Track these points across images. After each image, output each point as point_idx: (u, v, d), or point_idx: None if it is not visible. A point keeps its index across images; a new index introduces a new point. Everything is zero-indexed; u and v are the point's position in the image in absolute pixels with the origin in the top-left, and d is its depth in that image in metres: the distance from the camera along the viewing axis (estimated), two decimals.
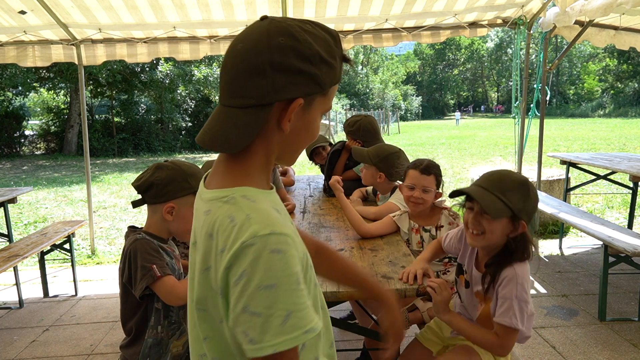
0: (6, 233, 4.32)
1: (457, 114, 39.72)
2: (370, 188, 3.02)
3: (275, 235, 0.79)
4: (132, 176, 12.02)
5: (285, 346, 0.77)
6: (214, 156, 0.99)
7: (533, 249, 1.59)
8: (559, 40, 38.60)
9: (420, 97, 57.21)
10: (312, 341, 0.90)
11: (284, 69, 0.82)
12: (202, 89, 19.88)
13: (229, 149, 0.87)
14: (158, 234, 1.81)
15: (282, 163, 0.99)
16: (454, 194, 1.58)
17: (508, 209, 1.48)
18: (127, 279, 1.73)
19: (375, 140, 3.09)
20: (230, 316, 0.81)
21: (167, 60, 18.12)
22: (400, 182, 2.73)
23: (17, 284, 3.78)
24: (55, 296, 3.98)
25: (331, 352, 1.01)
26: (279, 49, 0.82)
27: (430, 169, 2.23)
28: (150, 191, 1.80)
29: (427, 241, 2.22)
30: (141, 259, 1.70)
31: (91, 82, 18.83)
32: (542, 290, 3.74)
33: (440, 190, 2.27)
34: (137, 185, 1.83)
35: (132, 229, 1.87)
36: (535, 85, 4.86)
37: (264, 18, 0.86)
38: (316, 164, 3.74)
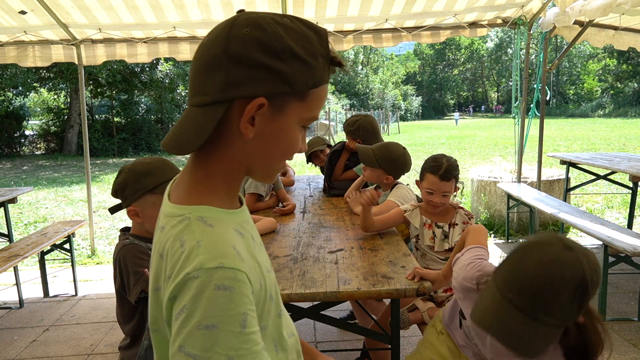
0: (6, 233, 4.32)
1: (456, 114, 39.70)
2: (370, 187, 3.02)
3: (224, 269, 0.69)
4: None
5: None
6: None
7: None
8: (559, 40, 38.61)
9: (420, 97, 57.23)
10: None
11: (242, 62, 0.72)
12: None
13: (182, 150, 0.76)
14: (143, 235, 1.80)
15: (255, 178, 0.85)
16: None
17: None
18: (119, 286, 1.75)
19: (375, 140, 3.08)
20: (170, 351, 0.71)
21: (167, 60, 18.13)
22: (400, 181, 2.74)
23: (17, 284, 3.78)
24: (56, 296, 3.98)
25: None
26: (240, 40, 0.72)
27: (449, 174, 2.15)
28: (118, 197, 1.80)
29: (439, 237, 2.22)
30: (131, 264, 1.71)
31: (91, 82, 18.84)
32: None
33: (457, 185, 2.24)
34: (112, 192, 1.82)
35: (123, 232, 1.87)
36: (535, 85, 4.86)
37: (240, 12, 0.77)
38: (315, 165, 3.74)
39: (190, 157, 0.82)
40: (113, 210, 1.81)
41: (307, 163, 3.77)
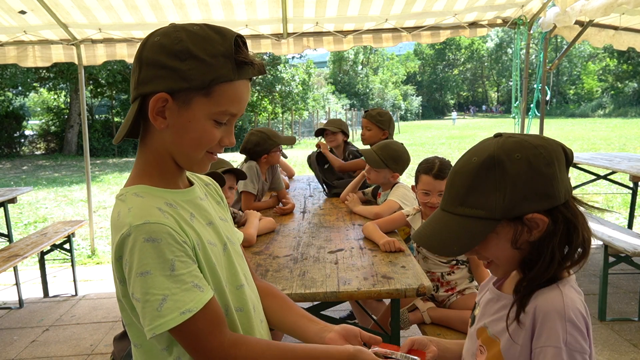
0: (6, 233, 4.32)
1: (454, 114, 39.67)
2: (370, 189, 3.02)
3: (149, 224, 0.83)
4: None
5: (162, 328, 0.81)
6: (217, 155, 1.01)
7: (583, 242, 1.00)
8: (559, 40, 38.60)
9: (420, 97, 57.23)
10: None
11: (149, 64, 0.86)
12: None
13: (116, 139, 0.96)
14: None
15: (183, 166, 0.97)
16: None
17: (482, 219, 0.91)
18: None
19: (393, 135, 3.18)
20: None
21: None
22: (401, 180, 2.74)
23: (17, 284, 3.78)
24: (55, 296, 3.98)
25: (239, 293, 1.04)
26: (150, 46, 0.87)
27: (443, 173, 2.15)
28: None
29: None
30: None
31: (91, 82, 18.84)
32: None
33: None
34: None
35: None
36: (535, 85, 4.86)
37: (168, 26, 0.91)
38: (318, 148, 3.51)
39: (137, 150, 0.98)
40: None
41: (315, 136, 3.74)
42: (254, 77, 0.96)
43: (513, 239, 0.90)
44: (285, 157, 3.07)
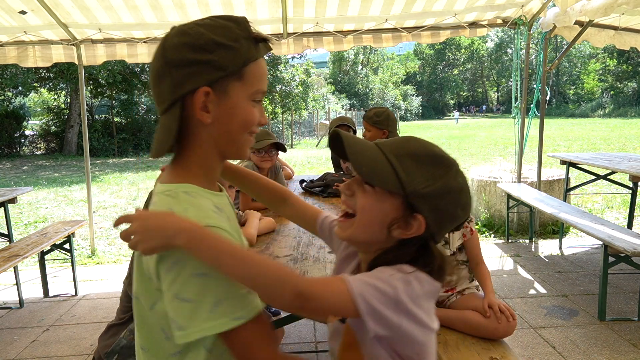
0: (6, 233, 4.32)
1: (456, 113, 39.64)
2: None
3: (210, 228, 0.83)
4: (132, 176, 12.02)
5: (210, 331, 0.79)
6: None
7: (442, 266, 0.92)
8: (559, 40, 38.60)
9: (420, 97, 57.22)
10: None
11: (179, 64, 0.86)
12: None
13: (159, 153, 0.91)
14: None
15: (231, 157, 0.98)
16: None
17: (396, 178, 0.87)
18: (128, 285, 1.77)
19: (396, 132, 3.14)
20: (151, 296, 0.86)
21: None
22: None
23: (17, 283, 3.78)
24: (55, 296, 3.98)
25: None
26: (173, 48, 0.87)
27: None
28: None
29: (440, 243, 2.21)
30: None
31: (91, 82, 18.83)
32: (542, 290, 3.74)
33: None
34: None
35: None
36: (535, 85, 4.87)
37: (172, 28, 0.91)
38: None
39: (174, 153, 0.96)
40: None
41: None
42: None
43: (391, 218, 0.88)
44: (284, 151, 3.04)
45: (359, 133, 3.62)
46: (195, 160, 0.93)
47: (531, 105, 4.91)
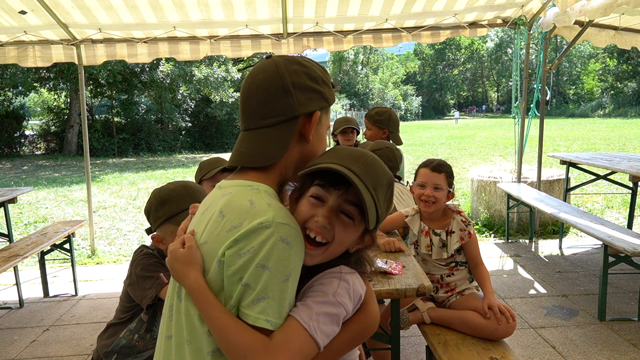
0: (6, 233, 4.32)
1: (456, 113, 39.58)
2: None
3: (290, 227, 0.89)
4: (132, 176, 12.02)
5: (245, 319, 0.86)
6: (212, 156, 1.10)
7: (367, 267, 1.07)
8: (559, 40, 38.60)
9: (420, 97, 57.21)
10: None
11: (302, 88, 1.00)
12: (202, 89, 19.88)
13: (266, 161, 0.99)
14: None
15: (295, 176, 1.03)
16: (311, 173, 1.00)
17: (376, 215, 0.96)
18: (132, 291, 1.77)
19: (398, 132, 3.13)
20: (216, 281, 0.91)
21: (167, 60, 18.12)
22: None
23: (18, 284, 3.78)
24: (55, 296, 3.98)
25: None
26: (295, 73, 1.00)
27: (441, 167, 2.17)
28: (148, 221, 1.81)
29: (437, 245, 2.20)
30: (146, 269, 1.74)
31: (91, 82, 18.83)
32: (542, 290, 3.74)
33: (452, 190, 2.20)
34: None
35: (147, 232, 1.91)
36: (535, 85, 4.87)
37: (269, 57, 1.05)
38: (337, 144, 3.69)
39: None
40: (148, 231, 1.82)
41: (333, 137, 3.73)
42: None
43: (356, 241, 1.04)
44: None
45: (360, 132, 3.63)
46: (279, 170, 1.02)
47: (531, 105, 4.91)
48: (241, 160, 1.00)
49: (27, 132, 20.19)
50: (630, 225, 4.70)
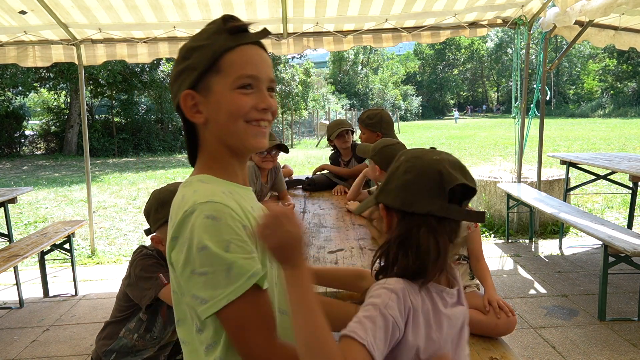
0: (6, 233, 4.32)
1: (456, 112, 39.51)
2: (374, 187, 3.03)
3: (212, 203, 0.86)
4: (132, 176, 12.02)
5: (237, 293, 0.83)
6: None
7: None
8: (559, 40, 38.59)
9: (420, 97, 57.18)
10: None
11: (173, 81, 0.99)
12: None
13: (192, 155, 1.05)
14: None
15: (239, 150, 0.99)
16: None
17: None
18: (131, 291, 1.77)
19: (393, 133, 3.12)
20: (180, 284, 0.88)
21: (167, 60, 18.12)
22: None
23: (17, 283, 3.78)
24: (55, 296, 3.98)
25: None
26: (175, 63, 0.99)
27: None
28: (147, 222, 1.81)
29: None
30: (145, 270, 1.73)
31: (91, 82, 18.83)
32: (542, 290, 3.74)
33: None
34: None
35: (146, 234, 1.91)
36: (535, 85, 4.86)
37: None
38: (334, 148, 3.71)
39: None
40: (147, 232, 1.82)
41: (328, 141, 3.75)
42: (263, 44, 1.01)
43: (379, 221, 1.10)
44: (287, 152, 3.05)
45: (357, 132, 3.65)
46: (208, 156, 0.99)
47: (531, 105, 4.91)
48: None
49: (27, 132, 20.17)
50: (630, 225, 4.70)
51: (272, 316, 0.89)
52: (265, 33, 0.97)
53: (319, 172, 3.76)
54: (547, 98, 5.04)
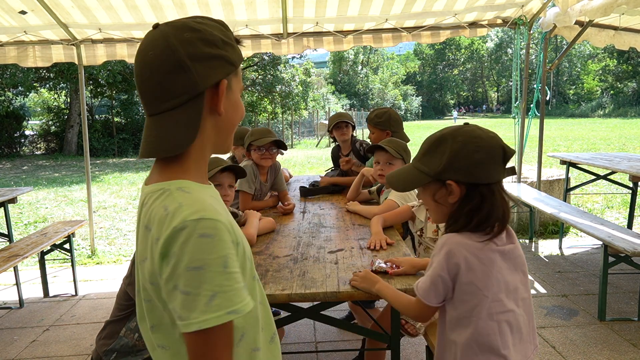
0: (6, 233, 4.32)
1: (455, 112, 39.50)
2: (374, 187, 3.02)
3: (205, 220, 0.82)
4: (132, 176, 12.02)
5: (209, 324, 0.80)
6: (211, 156, 1.05)
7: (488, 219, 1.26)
8: (559, 40, 38.59)
9: (420, 97, 57.19)
10: (251, 332, 0.94)
11: (200, 58, 0.87)
12: None
13: (180, 148, 0.90)
14: None
15: (220, 150, 0.99)
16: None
17: (421, 173, 1.32)
18: (131, 290, 1.78)
19: (402, 131, 3.13)
20: (163, 294, 0.85)
21: None
22: None
23: (18, 284, 3.78)
24: (55, 296, 3.98)
25: (272, 346, 1.02)
26: (189, 42, 0.87)
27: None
28: None
29: (443, 231, 2.22)
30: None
31: (91, 82, 18.84)
32: (542, 290, 3.75)
33: None
34: None
35: None
36: (535, 85, 4.87)
37: (156, 26, 0.90)
38: (334, 141, 3.73)
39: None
40: None
41: (329, 132, 3.74)
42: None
43: (433, 194, 1.32)
44: (285, 149, 3.05)
45: (357, 132, 3.65)
46: (194, 156, 0.93)
47: (531, 105, 4.91)
48: (153, 150, 0.89)
49: (27, 132, 20.17)
50: (630, 225, 4.70)
51: (232, 345, 0.88)
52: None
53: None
54: (547, 98, 5.05)
